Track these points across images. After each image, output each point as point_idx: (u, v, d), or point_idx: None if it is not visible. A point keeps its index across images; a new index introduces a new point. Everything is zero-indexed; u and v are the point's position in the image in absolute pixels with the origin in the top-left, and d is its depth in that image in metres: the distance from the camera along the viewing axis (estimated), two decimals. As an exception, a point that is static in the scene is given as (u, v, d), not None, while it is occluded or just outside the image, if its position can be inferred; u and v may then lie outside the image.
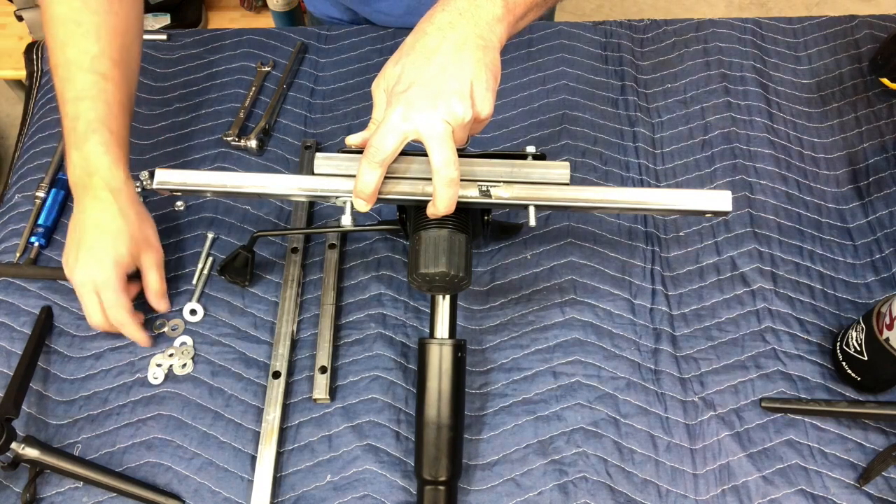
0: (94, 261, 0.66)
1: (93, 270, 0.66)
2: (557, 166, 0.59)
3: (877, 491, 0.64)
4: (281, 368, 0.69)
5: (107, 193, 0.66)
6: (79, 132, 0.66)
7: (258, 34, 0.94)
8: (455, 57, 0.52)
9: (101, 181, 0.66)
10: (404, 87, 0.53)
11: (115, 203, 0.66)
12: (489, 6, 0.54)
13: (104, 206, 0.66)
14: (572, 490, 0.64)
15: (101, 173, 0.66)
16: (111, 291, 0.66)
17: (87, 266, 0.66)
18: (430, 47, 0.53)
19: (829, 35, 0.92)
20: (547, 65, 0.90)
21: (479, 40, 0.53)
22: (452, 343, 0.61)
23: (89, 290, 0.66)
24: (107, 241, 0.66)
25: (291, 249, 0.76)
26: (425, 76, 0.52)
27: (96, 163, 0.66)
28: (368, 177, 0.54)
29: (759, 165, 0.82)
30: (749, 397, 0.68)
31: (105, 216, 0.66)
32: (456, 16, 0.54)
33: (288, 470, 0.66)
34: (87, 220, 0.66)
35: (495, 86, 0.55)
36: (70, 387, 0.70)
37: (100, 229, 0.66)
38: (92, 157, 0.66)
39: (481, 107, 0.53)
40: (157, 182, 0.62)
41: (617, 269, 0.75)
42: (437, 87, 0.51)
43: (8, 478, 0.65)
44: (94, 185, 0.66)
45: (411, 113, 0.52)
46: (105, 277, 0.66)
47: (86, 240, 0.66)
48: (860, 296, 0.74)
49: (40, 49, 0.94)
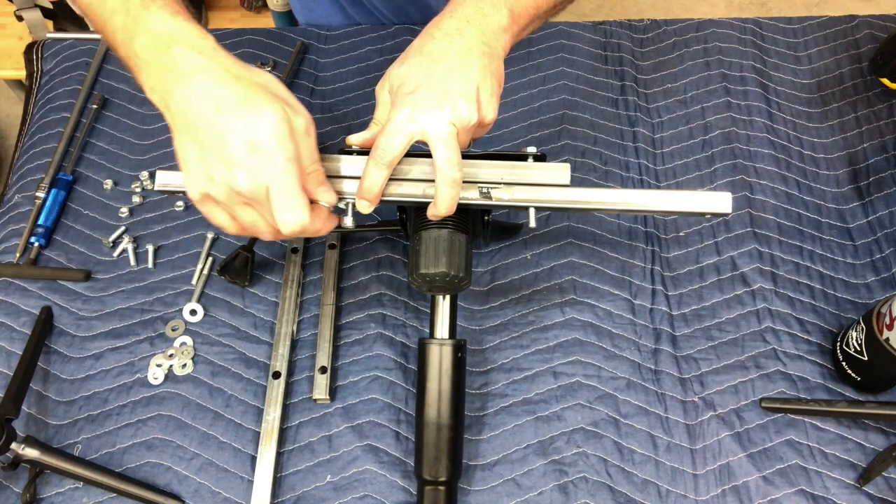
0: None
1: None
2: (558, 168, 0.59)
3: (877, 491, 0.64)
4: (281, 369, 0.69)
5: (204, 60, 0.49)
6: (134, 14, 0.50)
7: (258, 34, 0.94)
8: (462, 62, 0.53)
9: (187, 49, 0.49)
10: (411, 88, 0.53)
11: (221, 66, 0.49)
12: (496, 16, 0.56)
13: (212, 78, 0.48)
14: (572, 490, 0.64)
15: (183, 41, 0.49)
16: (289, 183, 0.49)
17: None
18: (438, 51, 0.54)
19: (829, 35, 0.92)
20: (547, 65, 0.90)
21: (485, 48, 0.54)
22: (452, 343, 0.61)
23: (262, 194, 0.49)
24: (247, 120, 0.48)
25: (291, 249, 0.76)
26: (432, 79, 0.53)
27: (171, 31, 0.49)
28: (375, 178, 0.54)
29: (759, 165, 0.82)
30: (749, 397, 0.68)
31: (223, 91, 0.48)
32: (464, 23, 0.55)
33: (288, 470, 0.66)
34: (202, 109, 0.48)
35: (499, 92, 0.56)
36: (70, 387, 0.70)
37: (227, 110, 0.48)
38: (163, 31, 0.49)
39: (486, 111, 0.54)
40: (158, 184, 0.61)
41: (617, 269, 0.75)
42: (444, 90, 0.52)
43: (8, 478, 0.65)
44: (182, 61, 0.48)
45: (418, 114, 0.52)
46: (279, 170, 0.48)
47: (213, 133, 0.48)
48: (860, 296, 0.74)
49: (40, 49, 0.94)
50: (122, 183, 0.82)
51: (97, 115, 0.87)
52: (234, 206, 0.51)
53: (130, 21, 0.51)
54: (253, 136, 0.47)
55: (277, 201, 0.49)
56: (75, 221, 0.79)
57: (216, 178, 0.49)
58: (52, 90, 0.90)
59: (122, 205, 0.80)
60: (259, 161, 0.48)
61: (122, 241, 0.78)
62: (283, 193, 0.49)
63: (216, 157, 0.48)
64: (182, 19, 0.50)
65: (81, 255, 0.77)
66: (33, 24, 1.00)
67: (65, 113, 0.87)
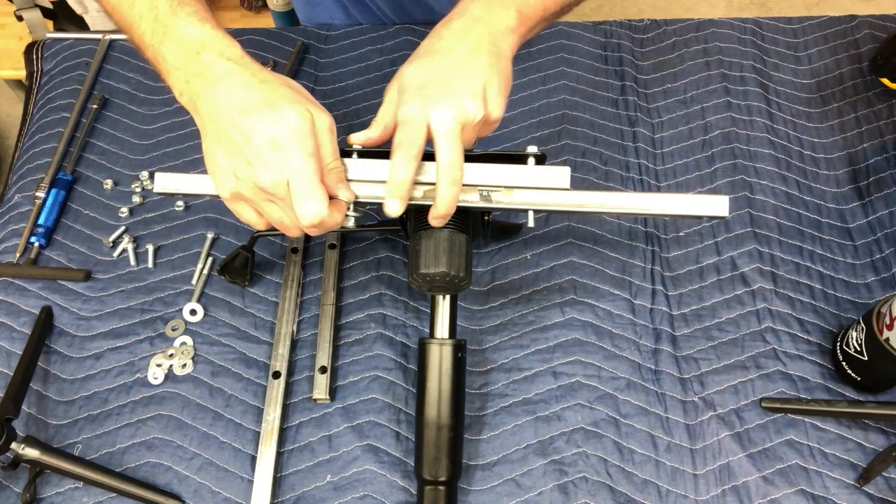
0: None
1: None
2: (557, 171, 0.59)
3: (877, 491, 0.64)
4: (281, 368, 0.69)
5: (232, 66, 0.51)
6: (163, 20, 0.52)
7: (258, 34, 0.94)
8: (469, 60, 0.54)
9: (215, 56, 0.51)
10: (419, 84, 0.54)
11: (248, 71, 0.51)
12: (504, 16, 0.57)
13: (239, 83, 0.50)
14: (572, 490, 0.64)
15: (211, 48, 0.51)
16: (307, 176, 0.51)
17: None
18: (446, 50, 0.55)
19: (829, 35, 0.92)
20: (547, 65, 0.90)
21: (492, 47, 0.55)
22: (452, 343, 0.61)
23: (283, 189, 0.51)
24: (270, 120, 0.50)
25: (291, 249, 0.76)
26: (440, 75, 0.54)
27: (200, 38, 0.51)
28: (404, 172, 0.53)
29: (759, 165, 0.82)
30: (749, 397, 0.68)
31: (248, 93, 0.50)
32: (472, 22, 0.56)
33: (288, 470, 0.66)
34: (229, 111, 0.50)
35: (507, 91, 0.56)
36: (70, 387, 0.70)
37: (251, 111, 0.50)
38: (192, 37, 0.51)
39: (492, 108, 0.55)
40: (157, 187, 0.61)
41: (617, 269, 0.75)
42: (451, 86, 0.53)
43: (8, 478, 0.65)
44: (210, 67, 0.51)
45: (425, 108, 0.53)
46: (298, 165, 0.50)
47: (240, 133, 0.50)
48: (860, 296, 0.74)
49: (40, 49, 0.94)
50: (122, 183, 0.82)
51: (97, 115, 0.87)
52: (260, 202, 0.53)
53: (159, 26, 0.52)
54: (274, 134, 0.49)
55: (297, 195, 0.51)
56: (75, 221, 0.79)
57: (240, 176, 0.51)
58: (52, 90, 0.90)
59: (122, 205, 0.80)
60: (280, 157, 0.50)
61: (122, 241, 0.78)
62: (302, 187, 0.50)
63: (241, 156, 0.50)
64: (211, 27, 0.52)
65: (81, 255, 0.77)
66: (33, 24, 1.00)
67: (65, 113, 0.87)
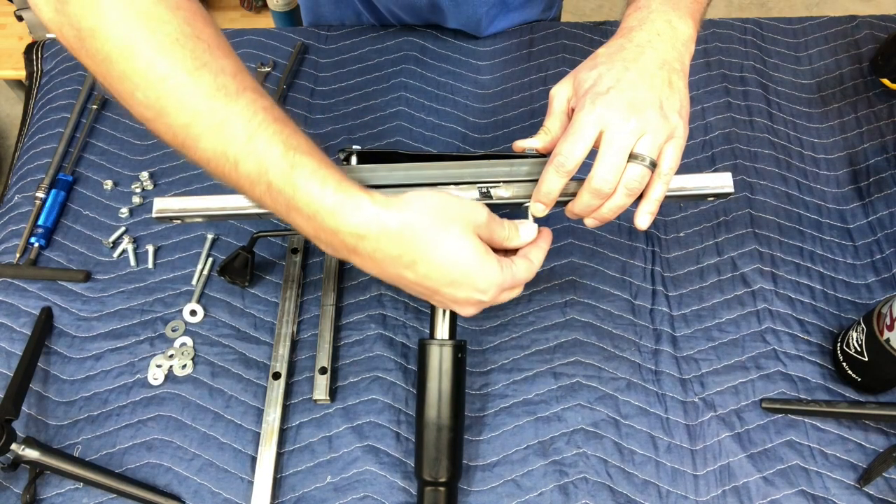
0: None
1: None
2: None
3: (877, 492, 0.64)
4: (281, 369, 0.69)
5: (370, 243, 0.46)
6: (278, 187, 0.46)
7: (258, 34, 0.94)
8: (652, 73, 0.53)
9: (351, 237, 0.46)
10: (603, 89, 0.53)
11: (385, 235, 0.46)
12: (683, 28, 0.56)
13: (384, 250, 0.47)
14: (573, 491, 0.64)
15: (343, 227, 0.46)
16: (511, 280, 0.52)
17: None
18: (630, 59, 0.54)
19: (829, 35, 0.92)
20: (547, 65, 0.90)
21: (676, 63, 0.54)
22: (453, 344, 0.61)
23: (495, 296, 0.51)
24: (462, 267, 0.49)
25: (291, 250, 0.76)
26: (623, 83, 0.53)
27: (330, 214, 0.46)
28: (554, 184, 0.54)
29: (760, 166, 0.82)
30: (749, 398, 0.68)
31: (428, 268, 0.48)
32: (654, 35, 0.55)
33: (288, 471, 0.66)
34: (390, 271, 0.49)
35: (685, 113, 0.54)
36: (70, 388, 0.70)
37: (449, 285, 0.49)
38: (322, 214, 0.46)
39: (675, 123, 0.53)
40: (155, 211, 0.60)
41: (617, 269, 0.75)
42: (633, 96, 0.52)
43: (8, 479, 0.65)
44: (348, 243, 0.47)
45: (606, 113, 0.52)
46: (483, 289, 0.50)
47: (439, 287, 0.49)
48: (860, 296, 0.74)
49: (40, 49, 0.94)
50: (122, 183, 0.82)
51: (97, 115, 0.87)
52: (493, 301, 0.53)
53: (279, 195, 0.46)
54: (452, 279, 0.49)
55: (504, 297, 0.53)
56: (75, 222, 0.79)
57: (460, 302, 0.52)
58: (52, 90, 0.90)
59: (122, 205, 0.80)
60: (488, 295, 0.51)
61: (122, 241, 0.78)
62: (514, 291, 0.54)
63: (444, 299, 0.51)
64: (333, 189, 0.46)
65: (81, 255, 0.77)
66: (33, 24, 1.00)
67: (65, 113, 0.87)
